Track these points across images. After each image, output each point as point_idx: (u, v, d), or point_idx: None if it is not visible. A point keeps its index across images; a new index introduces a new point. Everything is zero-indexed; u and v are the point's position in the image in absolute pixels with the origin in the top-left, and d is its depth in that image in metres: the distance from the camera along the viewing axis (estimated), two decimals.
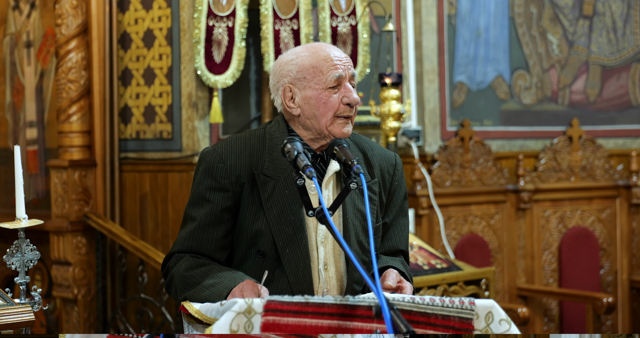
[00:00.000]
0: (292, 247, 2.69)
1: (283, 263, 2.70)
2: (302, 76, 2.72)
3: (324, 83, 2.70)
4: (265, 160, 2.73)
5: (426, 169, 5.70)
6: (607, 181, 6.43)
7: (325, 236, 2.73)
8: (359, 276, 2.75)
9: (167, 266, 2.79)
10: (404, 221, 2.93)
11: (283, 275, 2.70)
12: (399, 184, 2.89)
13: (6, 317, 2.87)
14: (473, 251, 5.82)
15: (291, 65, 2.74)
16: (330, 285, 2.74)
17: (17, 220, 2.95)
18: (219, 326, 2.32)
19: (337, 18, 5.26)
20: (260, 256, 2.72)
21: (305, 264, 2.70)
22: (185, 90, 5.04)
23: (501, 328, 2.52)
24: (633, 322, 6.43)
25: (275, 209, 2.70)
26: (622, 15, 6.60)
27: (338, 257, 2.76)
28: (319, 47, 2.75)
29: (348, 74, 2.72)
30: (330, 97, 2.70)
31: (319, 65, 2.70)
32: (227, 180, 2.72)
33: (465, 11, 5.95)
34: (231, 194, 2.72)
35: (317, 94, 2.70)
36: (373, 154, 2.86)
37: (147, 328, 5.08)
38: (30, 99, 5.71)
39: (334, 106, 2.70)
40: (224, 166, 2.72)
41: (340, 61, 2.71)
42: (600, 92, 6.55)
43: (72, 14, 5.17)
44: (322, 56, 2.71)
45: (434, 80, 5.78)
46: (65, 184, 5.20)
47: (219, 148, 2.76)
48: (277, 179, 2.71)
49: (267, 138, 2.77)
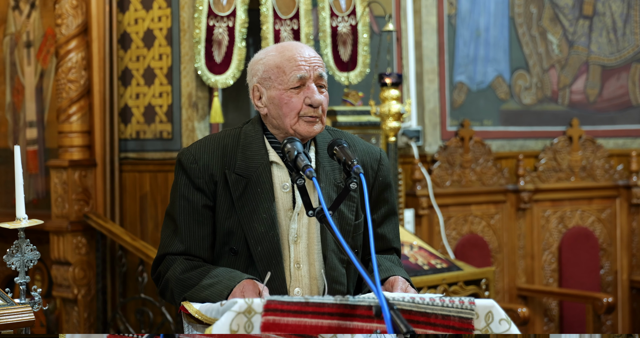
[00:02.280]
0: (263, 245, 2.69)
1: (255, 261, 2.70)
2: (268, 75, 2.72)
3: (286, 83, 2.69)
4: (237, 159, 2.73)
5: (426, 169, 5.70)
6: (607, 181, 6.43)
7: (297, 235, 2.73)
8: (337, 275, 2.74)
9: (159, 270, 2.78)
10: (395, 218, 2.92)
11: (255, 273, 2.69)
12: (384, 179, 2.87)
13: (6, 317, 2.87)
14: (473, 251, 5.82)
15: (259, 64, 2.75)
16: (302, 283, 2.73)
17: (17, 220, 2.95)
18: (219, 326, 2.32)
19: (337, 18, 5.26)
20: (232, 254, 2.72)
21: (277, 261, 2.70)
22: (185, 90, 5.04)
23: (501, 328, 2.53)
24: (633, 322, 6.43)
25: (247, 208, 2.70)
26: (622, 15, 6.60)
27: (313, 256, 2.75)
28: (287, 47, 2.74)
29: (313, 74, 2.70)
30: (292, 98, 2.69)
31: (283, 65, 2.70)
32: (202, 180, 2.73)
33: (465, 11, 5.95)
34: (208, 193, 2.73)
35: (279, 95, 2.70)
36: (355, 149, 2.84)
37: (147, 328, 5.08)
38: (30, 99, 5.71)
39: (296, 107, 2.69)
40: (197, 166, 2.73)
41: (306, 62, 2.70)
42: (600, 92, 6.55)
43: (72, 14, 5.17)
44: (286, 56, 2.70)
45: (434, 80, 5.78)
46: (65, 184, 5.20)
47: (193, 148, 2.78)
48: (249, 178, 2.71)
49: (241, 137, 2.77)
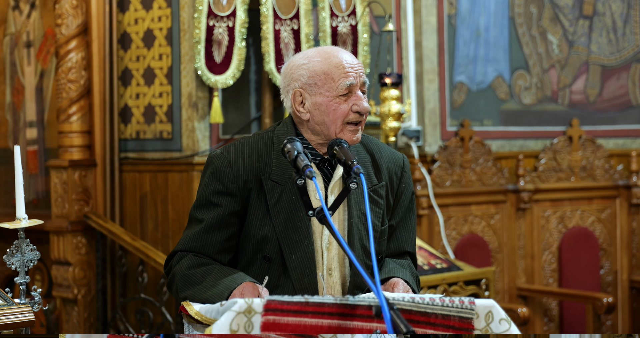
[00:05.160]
0: (298, 254, 2.68)
1: (289, 270, 2.69)
2: (313, 81, 2.68)
3: (335, 91, 2.67)
4: (273, 165, 2.71)
5: (426, 169, 5.70)
6: (607, 181, 6.43)
7: (329, 242, 2.72)
8: (360, 280, 2.73)
9: (170, 264, 2.80)
10: (411, 223, 2.90)
11: (288, 281, 2.69)
12: (406, 185, 2.86)
13: (6, 317, 2.87)
14: (473, 251, 5.82)
15: (302, 69, 2.70)
16: (334, 290, 2.72)
17: (17, 220, 2.95)
18: (219, 326, 2.32)
19: (337, 18, 5.25)
20: (266, 262, 2.71)
21: (310, 271, 2.69)
22: (185, 90, 5.04)
23: (501, 328, 2.53)
24: (633, 322, 6.43)
25: (282, 216, 2.68)
26: (622, 15, 6.60)
27: (342, 262, 2.74)
28: (332, 53, 2.71)
29: (359, 81, 2.69)
30: (341, 105, 2.67)
31: (331, 72, 2.67)
32: (235, 185, 2.70)
33: (465, 11, 5.95)
34: (238, 199, 2.71)
35: (327, 101, 2.67)
36: (381, 156, 2.83)
37: (147, 328, 5.08)
38: (30, 99, 5.71)
39: (344, 114, 2.67)
40: (232, 171, 2.71)
41: (352, 68, 2.68)
42: (600, 92, 6.54)
43: (72, 14, 5.17)
44: (334, 63, 2.68)
45: (434, 80, 5.78)
46: (65, 184, 5.20)
47: (227, 152, 2.74)
48: (285, 185, 2.69)
49: (275, 142, 2.74)
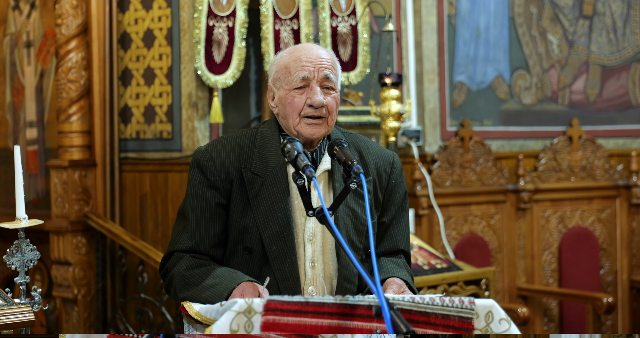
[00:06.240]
0: (278, 244, 2.71)
1: (269, 260, 2.72)
2: (278, 76, 2.78)
3: (291, 83, 2.73)
4: (254, 158, 2.76)
5: (426, 169, 5.70)
6: (607, 181, 6.43)
7: (313, 234, 2.75)
8: (349, 274, 2.76)
9: (166, 266, 2.81)
10: (404, 220, 2.92)
11: (269, 272, 2.72)
12: (397, 182, 2.88)
13: (6, 317, 2.87)
14: (473, 251, 5.82)
15: (274, 65, 2.81)
16: (317, 282, 2.75)
17: (17, 220, 2.95)
18: (219, 326, 2.32)
19: (337, 18, 5.26)
20: (247, 252, 2.75)
21: (291, 260, 2.71)
22: (185, 90, 5.04)
23: (501, 328, 2.53)
24: (633, 322, 6.43)
25: (263, 206, 2.72)
26: (622, 15, 6.60)
27: (328, 255, 2.77)
28: (298, 48, 2.78)
29: (318, 75, 2.72)
30: (295, 98, 2.73)
31: (289, 65, 2.74)
32: (217, 178, 2.76)
33: (465, 11, 5.95)
34: (222, 192, 2.76)
35: (285, 94, 2.75)
36: (368, 152, 2.87)
37: (147, 328, 5.08)
38: (30, 99, 5.71)
39: (299, 107, 2.72)
40: (213, 164, 2.76)
41: (311, 63, 2.72)
42: (600, 92, 6.54)
43: (72, 14, 5.17)
44: (294, 57, 2.75)
45: (434, 80, 5.78)
46: (65, 184, 5.20)
47: (210, 147, 2.82)
48: (265, 177, 2.74)
49: (258, 137, 2.81)
